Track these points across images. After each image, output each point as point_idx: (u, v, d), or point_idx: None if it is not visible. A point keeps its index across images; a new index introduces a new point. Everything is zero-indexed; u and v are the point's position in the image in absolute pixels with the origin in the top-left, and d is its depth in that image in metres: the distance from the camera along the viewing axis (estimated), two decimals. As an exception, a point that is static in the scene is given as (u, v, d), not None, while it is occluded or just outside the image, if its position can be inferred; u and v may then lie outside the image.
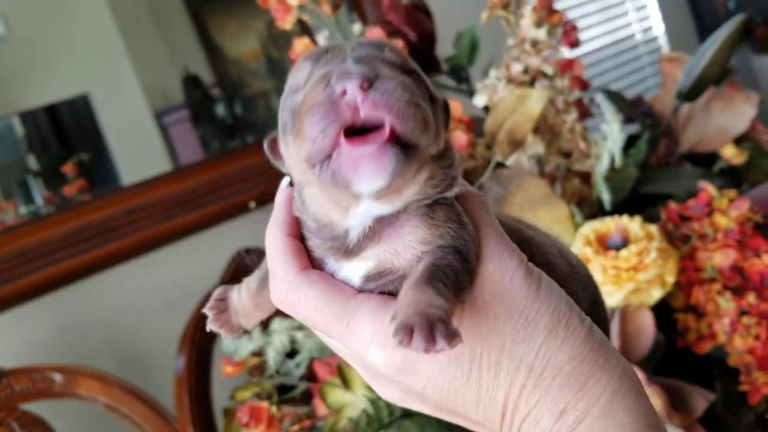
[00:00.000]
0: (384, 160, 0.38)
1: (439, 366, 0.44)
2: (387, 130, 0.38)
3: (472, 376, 0.44)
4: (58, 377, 1.24)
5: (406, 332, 0.38)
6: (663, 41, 2.94)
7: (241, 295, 0.53)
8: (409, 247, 0.44)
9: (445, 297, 0.40)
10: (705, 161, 1.07)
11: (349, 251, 0.45)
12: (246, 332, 0.52)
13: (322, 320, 0.46)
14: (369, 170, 0.39)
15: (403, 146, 0.39)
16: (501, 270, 0.45)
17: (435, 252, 0.43)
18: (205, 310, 0.53)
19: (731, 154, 1.03)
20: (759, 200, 0.93)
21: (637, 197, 1.01)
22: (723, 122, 1.03)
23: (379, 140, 0.38)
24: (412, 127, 0.39)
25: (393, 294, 0.45)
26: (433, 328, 0.38)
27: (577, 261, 0.56)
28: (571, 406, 0.43)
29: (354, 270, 0.45)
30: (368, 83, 0.38)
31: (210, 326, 0.52)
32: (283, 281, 0.47)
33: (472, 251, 0.44)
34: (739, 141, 1.06)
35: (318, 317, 0.46)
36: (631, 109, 1.04)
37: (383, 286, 0.45)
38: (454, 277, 0.42)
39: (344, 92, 0.38)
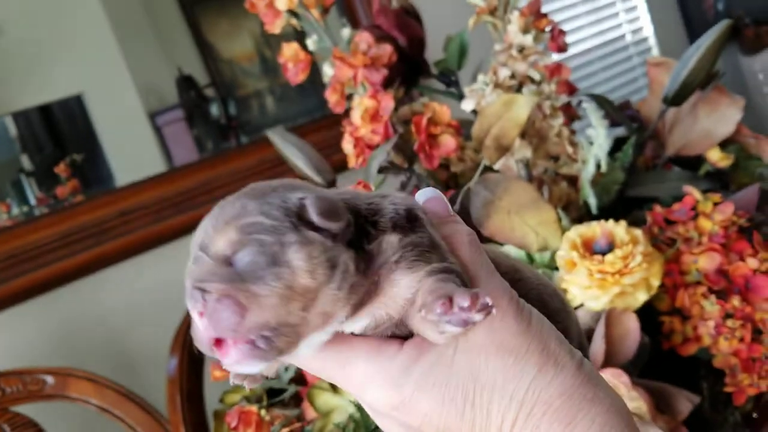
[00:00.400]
0: (242, 363, 0.41)
1: (433, 404, 0.45)
2: (229, 346, 0.41)
3: (465, 413, 0.45)
4: (49, 379, 1.24)
5: (443, 301, 0.41)
6: (652, 43, 2.95)
7: None
8: (397, 297, 0.45)
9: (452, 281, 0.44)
10: (691, 164, 1.08)
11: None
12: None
13: (319, 366, 0.47)
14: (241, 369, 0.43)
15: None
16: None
17: (429, 276, 0.44)
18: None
19: (717, 158, 1.04)
20: (743, 204, 0.93)
21: (624, 200, 1.01)
22: (709, 126, 1.04)
23: (225, 355, 0.41)
24: (245, 330, 0.41)
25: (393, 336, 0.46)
26: (476, 294, 0.41)
27: (568, 301, 0.59)
28: None
29: (351, 327, 0.46)
30: (201, 312, 0.41)
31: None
32: None
33: (462, 274, 0.45)
34: (725, 144, 1.06)
35: (315, 364, 0.47)
36: (618, 113, 1.05)
37: (383, 332, 0.46)
38: (460, 282, 0.44)
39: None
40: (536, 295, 0.51)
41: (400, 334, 0.46)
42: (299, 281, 0.41)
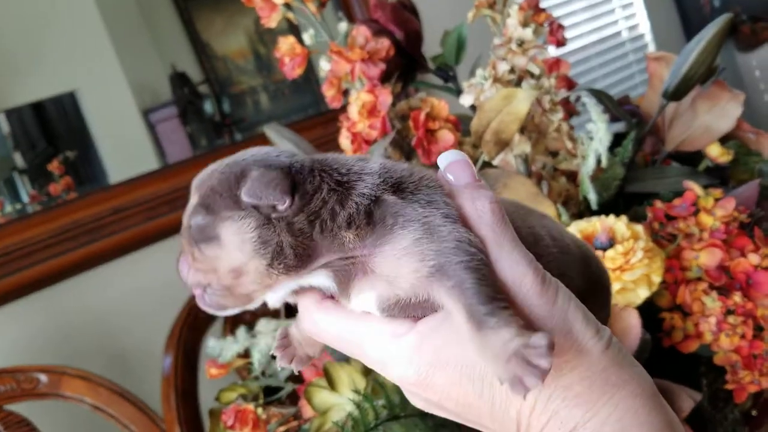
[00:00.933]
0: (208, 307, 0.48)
1: (451, 382, 0.45)
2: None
3: (484, 392, 0.45)
4: (43, 378, 1.23)
5: (514, 382, 0.40)
6: (649, 38, 2.95)
7: (298, 328, 0.54)
8: (400, 277, 0.45)
9: (504, 321, 0.41)
10: (691, 160, 1.07)
11: (338, 295, 0.48)
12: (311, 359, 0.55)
13: (342, 346, 0.49)
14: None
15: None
16: (514, 284, 0.44)
17: (443, 272, 0.43)
18: (273, 351, 0.55)
19: (717, 153, 1.03)
20: (744, 199, 0.93)
21: (623, 196, 1.01)
22: (709, 121, 1.04)
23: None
24: (190, 283, 0.48)
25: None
26: (528, 361, 0.40)
27: (572, 241, 0.56)
28: (580, 425, 0.43)
29: (364, 304, 0.47)
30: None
31: (279, 363, 0.53)
32: (307, 313, 0.50)
33: (477, 254, 0.44)
34: (725, 140, 1.06)
35: (338, 344, 0.49)
36: (618, 108, 1.04)
37: (408, 314, 0.46)
38: (485, 295, 0.42)
39: None
40: (555, 266, 0.49)
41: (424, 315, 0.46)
42: (227, 254, 0.45)
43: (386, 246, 0.44)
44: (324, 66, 1.01)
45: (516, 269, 0.44)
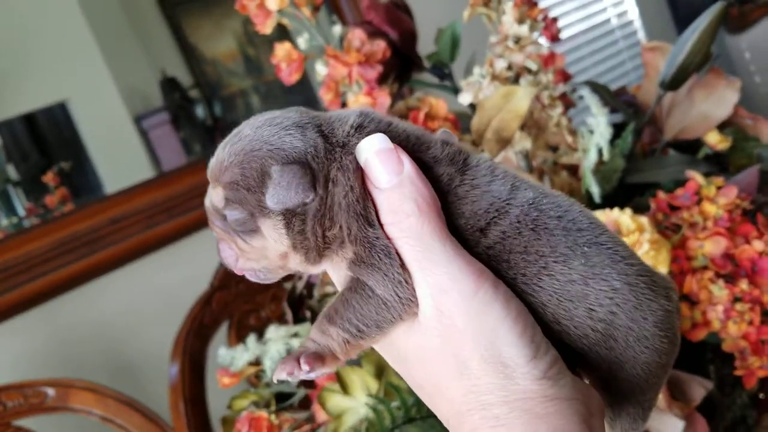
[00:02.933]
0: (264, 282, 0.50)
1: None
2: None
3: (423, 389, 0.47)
4: (50, 391, 1.23)
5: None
6: (638, 25, 2.95)
7: None
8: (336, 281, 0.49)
9: (323, 333, 0.46)
10: (689, 148, 1.07)
11: None
12: None
13: None
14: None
15: None
16: (428, 304, 0.44)
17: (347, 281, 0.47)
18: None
19: (715, 140, 1.03)
20: (745, 185, 0.93)
21: (624, 187, 1.01)
22: (706, 109, 1.04)
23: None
24: (240, 269, 0.50)
25: None
26: (297, 361, 0.45)
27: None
28: None
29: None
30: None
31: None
32: None
33: (376, 276, 0.44)
34: (723, 127, 1.06)
35: None
36: (615, 99, 1.04)
37: None
38: (344, 311, 0.45)
39: None
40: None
41: None
42: (271, 245, 0.46)
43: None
44: (320, 70, 1.01)
45: (439, 285, 0.43)
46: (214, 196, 0.47)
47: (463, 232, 0.45)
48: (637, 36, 2.94)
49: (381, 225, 0.44)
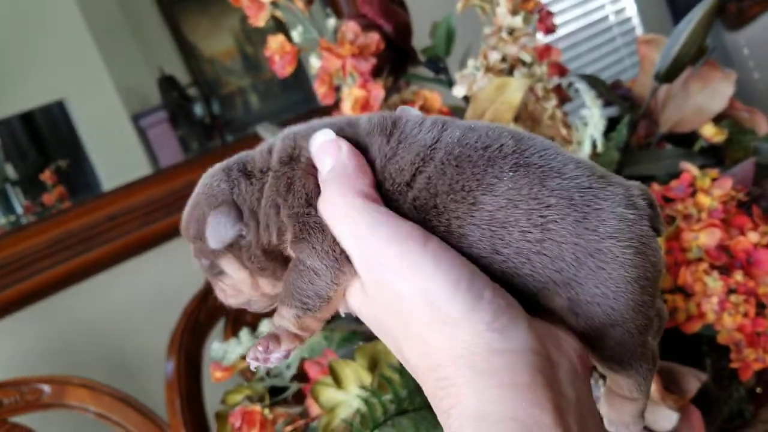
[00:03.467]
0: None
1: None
2: None
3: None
4: (46, 388, 1.23)
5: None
6: (636, 21, 2.95)
7: None
8: None
9: (278, 315, 0.47)
10: (685, 141, 1.07)
11: None
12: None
13: None
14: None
15: None
16: (366, 276, 0.43)
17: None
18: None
19: (711, 133, 1.03)
20: (740, 178, 0.93)
21: (620, 180, 1.00)
22: (701, 102, 1.04)
23: None
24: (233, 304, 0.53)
25: None
26: (266, 345, 0.47)
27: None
28: (447, 414, 0.39)
29: None
30: None
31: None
32: None
33: (307, 249, 0.45)
34: (718, 119, 1.06)
35: None
36: (610, 92, 1.04)
37: None
38: (287, 288, 0.47)
39: None
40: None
41: None
42: (237, 280, 0.50)
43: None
44: (314, 63, 1.01)
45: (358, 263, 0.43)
46: (190, 246, 0.52)
47: (392, 192, 0.44)
48: (635, 32, 2.94)
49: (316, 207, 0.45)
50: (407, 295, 0.40)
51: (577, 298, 0.42)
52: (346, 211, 0.42)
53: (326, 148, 0.45)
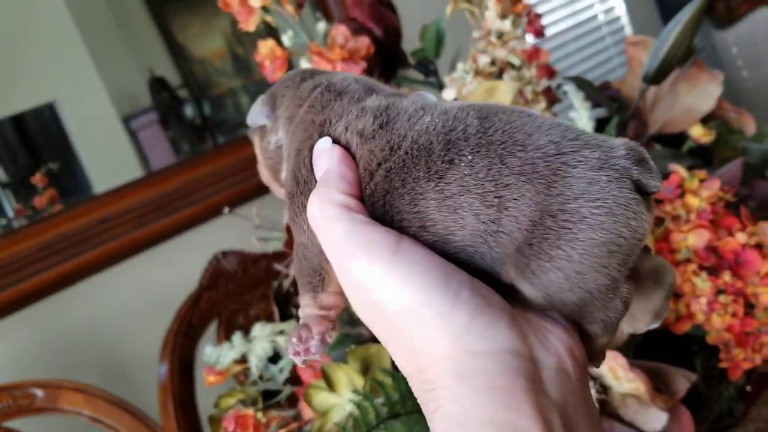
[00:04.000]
0: None
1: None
2: None
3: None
4: (39, 393, 1.23)
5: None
6: (625, 21, 2.96)
7: None
8: None
9: (301, 294, 0.48)
10: (674, 142, 1.08)
11: None
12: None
13: None
14: None
15: None
16: (344, 285, 0.42)
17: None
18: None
19: (699, 134, 1.04)
20: (728, 178, 0.94)
21: (609, 181, 1.01)
22: (690, 102, 1.04)
23: None
24: None
25: None
26: (300, 336, 0.47)
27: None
28: (431, 418, 0.39)
29: None
30: None
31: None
32: None
33: (297, 229, 0.47)
34: (706, 120, 1.07)
35: None
36: (599, 94, 1.05)
37: None
38: (297, 272, 0.48)
39: None
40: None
41: None
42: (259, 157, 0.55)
43: None
44: (304, 67, 1.01)
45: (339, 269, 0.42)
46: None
47: (361, 178, 0.44)
48: (624, 33, 2.95)
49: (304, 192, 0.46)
50: (384, 302, 0.39)
51: (532, 263, 0.39)
52: (326, 220, 0.42)
53: (321, 154, 0.45)
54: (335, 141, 0.45)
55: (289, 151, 0.48)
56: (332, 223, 0.41)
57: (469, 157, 0.40)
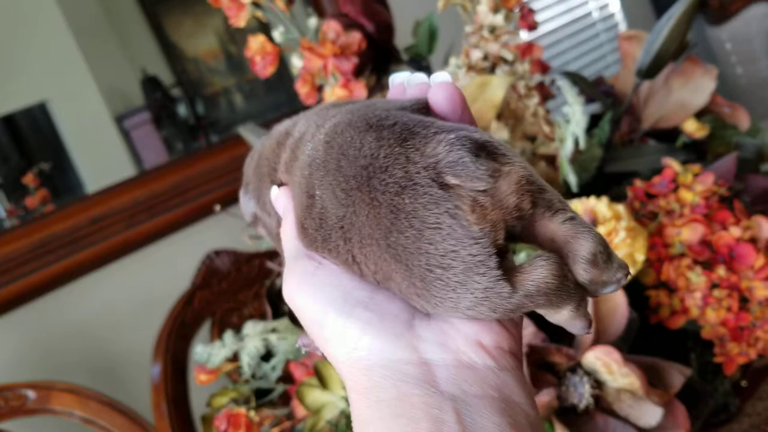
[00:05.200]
0: None
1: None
2: None
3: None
4: (31, 394, 1.22)
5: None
6: (620, 17, 2.96)
7: None
8: None
9: None
10: (668, 137, 1.07)
11: None
12: None
13: None
14: None
15: None
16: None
17: None
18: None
19: (693, 129, 1.03)
20: (722, 173, 0.93)
21: (603, 176, 1.01)
22: (683, 97, 1.04)
23: None
24: None
25: None
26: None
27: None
28: None
29: None
30: None
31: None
32: None
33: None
34: (700, 115, 1.06)
35: None
36: (593, 89, 1.04)
37: None
38: None
39: None
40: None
41: None
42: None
43: None
44: (296, 63, 1.00)
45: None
46: None
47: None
48: (618, 29, 2.95)
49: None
50: (306, 320, 0.42)
51: (427, 305, 0.39)
52: (284, 244, 0.47)
53: (275, 200, 0.50)
54: (280, 183, 0.49)
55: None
56: (286, 246, 0.47)
57: (297, 176, 0.45)
